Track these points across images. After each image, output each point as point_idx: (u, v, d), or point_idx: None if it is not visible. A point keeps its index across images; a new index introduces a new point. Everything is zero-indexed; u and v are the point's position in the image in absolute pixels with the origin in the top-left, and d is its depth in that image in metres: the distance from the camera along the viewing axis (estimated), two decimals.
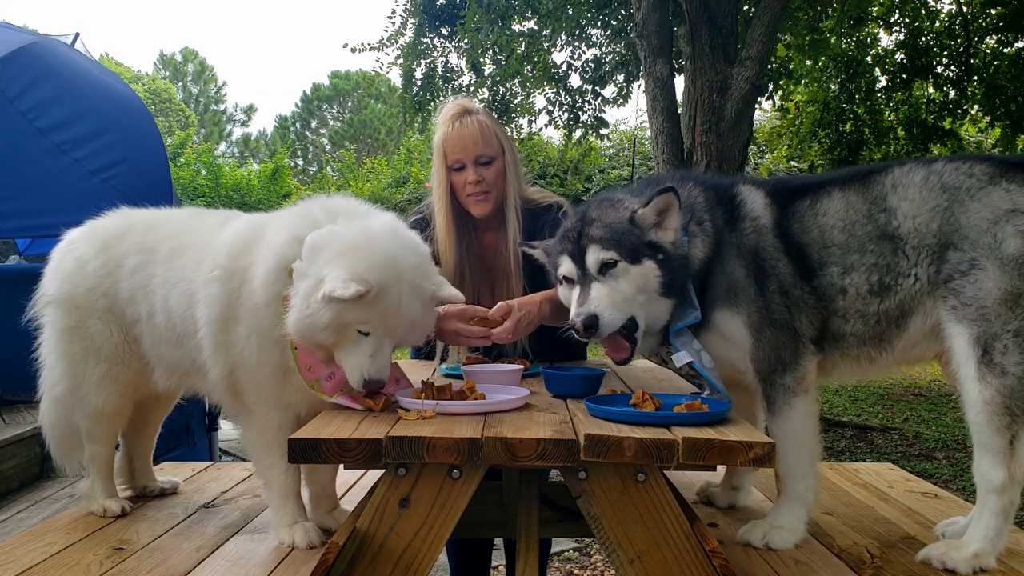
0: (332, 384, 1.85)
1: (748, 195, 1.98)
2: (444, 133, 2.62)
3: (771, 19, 5.45)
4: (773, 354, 1.89)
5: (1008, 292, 1.72)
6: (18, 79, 4.85)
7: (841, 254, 1.89)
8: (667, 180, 2.07)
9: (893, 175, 1.90)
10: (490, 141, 2.60)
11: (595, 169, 13.29)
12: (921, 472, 5.19)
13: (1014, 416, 1.71)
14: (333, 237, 1.78)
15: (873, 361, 1.94)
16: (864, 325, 1.89)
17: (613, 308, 1.82)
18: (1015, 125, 7.97)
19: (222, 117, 38.07)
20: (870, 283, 1.86)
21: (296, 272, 1.78)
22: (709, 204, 1.97)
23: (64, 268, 2.17)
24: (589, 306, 1.82)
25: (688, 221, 1.92)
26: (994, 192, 1.79)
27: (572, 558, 4.04)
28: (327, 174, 22.57)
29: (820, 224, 1.92)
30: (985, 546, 1.74)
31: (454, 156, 2.60)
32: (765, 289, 1.89)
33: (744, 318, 1.90)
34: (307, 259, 1.77)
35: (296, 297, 1.75)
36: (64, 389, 2.18)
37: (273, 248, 1.86)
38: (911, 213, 1.84)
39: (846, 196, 1.92)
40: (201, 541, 2.01)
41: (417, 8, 8.21)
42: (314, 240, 1.79)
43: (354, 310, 1.71)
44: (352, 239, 1.78)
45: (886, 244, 1.86)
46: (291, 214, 1.96)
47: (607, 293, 1.83)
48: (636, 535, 1.57)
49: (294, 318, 1.74)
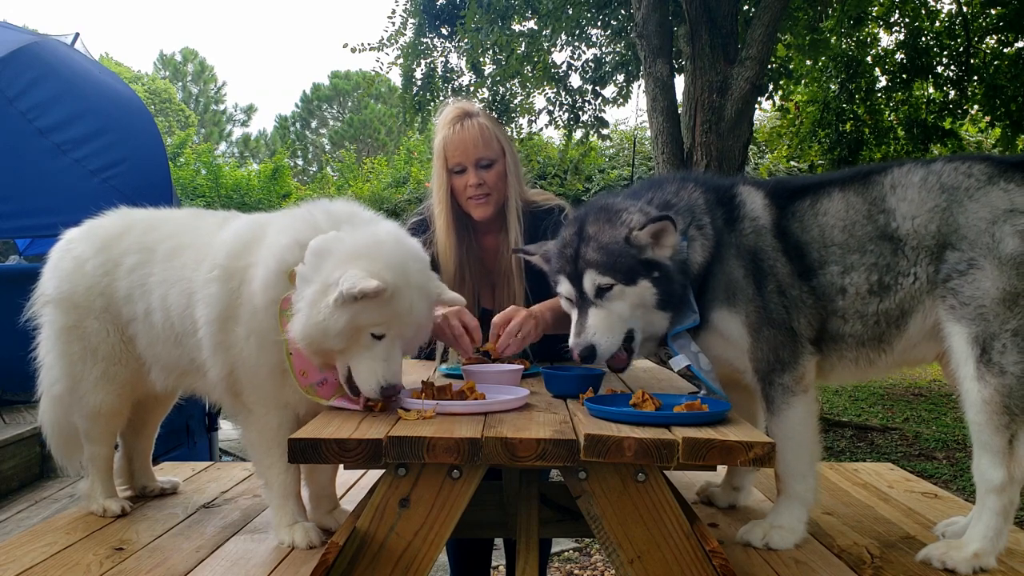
0: (326, 389, 1.85)
1: (747, 195, 1.98)
2: (444, 136, 2.62)
3: (771, 19, 5.45)
4: (772, 353, 1.89)
5: (1006, 292, 1.73)
6: (18, 79, 4.85)
7: (841, 253, 1.89)
8: (667, 181, 2.06)
9: (892, 176, 1.90)
10: (491, 144, 2.60)
11: (595, 169, 13.29)
12: (921, 472, 5.19)
13: (1013, 415, 1.72)
14: (339, 242, 1.77)
15: (872, 363, 1.94)
16: (863, 326, 1.89)
17: (610, 333, 1.83)
18: (1015, 125, 7.97)
19: (222, 117, 38.07)
20: (870, 283, 1.86)
21: (300, 277, 1.77)
22: (709, 206, 1.96)
23: (63, 267, 2.17)
24: (586, 335, 1.83)
25: (688, 225, 1.91)
26: (992, 192, 1.79)
27: (572, 558, 4.04)
28: (327, 174, 22.55)
29: (820, 224, 1.92)
30: (985, 546, 1.74)
31: (455, 159, 2.60)
32: (763, 289, 1.89)
33: (743, 318, 1.90)
34: (311, 264, 1.75)
35: (301, 303, 1.73)
36: (62, 389, 2.18)
37: (273, 251, 1.85)
38: (910, 214, 1.84)
39: (846, 196, 1.92)
40: (201, 541, 2.01)
41: (417, 8, 8.21)
42: (319, 245, 1.77)
43: (368, 312, 1.70)
44: (359, 244, 1.77)
45: (886, 244, 1.86)
46: (292, 217, 1.95)
47: (603, 318, 1.84)
48: (636, 535, 1.57)
49: (301, 324, 1.72)
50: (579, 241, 1.90)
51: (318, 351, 1.76)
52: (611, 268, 1.83)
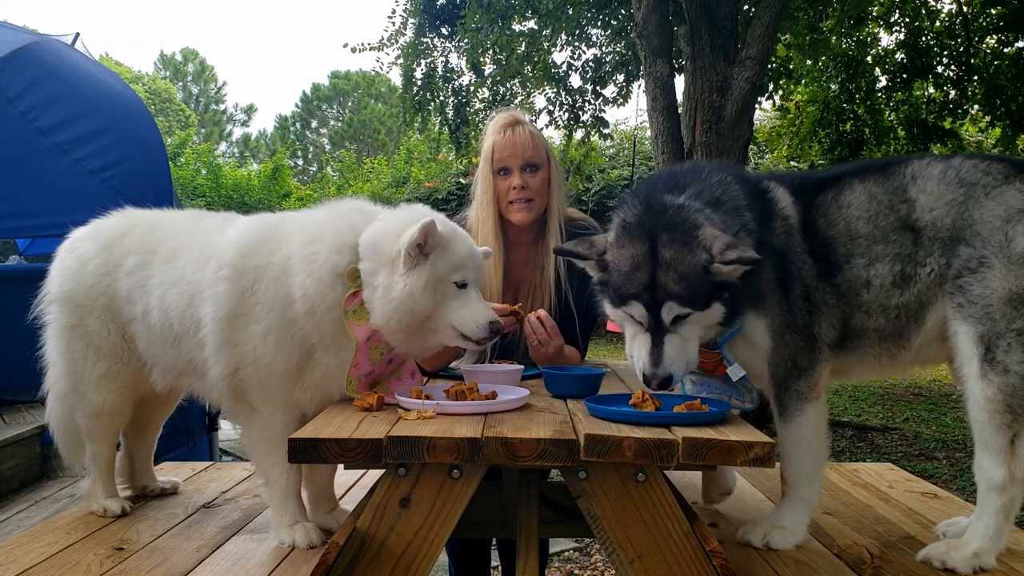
0: (364, 384, 1.93)
1: (778, 193, 1.94)
2: (494, 141, 2.66)
3: (771, 19, 5.44)
4: (790, 359, 1.87)
5: (1013, 291, 1.73)
6: (18, 79, 4.84)
7: (867, 245, 1.87)
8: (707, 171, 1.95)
9: (912, 167, 1.90)
10: (539, 149, 2.64)
11: (595, 169, 13.28)
12: (921, 472, 5.18)
13: (1015, 415, 1.72)
14: (384, 224, 1.89)
15: (893, 359, 1.93)
16: (885, 319, 1.88)
17: (684, 359, 1.77)
18: (1015, 125, 7.96)
19: (222, 117, 38.07)
20: (893, 274, 1.85)
21: (366, 271, 1.86)
22: (749, 204, 1.90)
23: (67, 266, 2.18)
24: (666, 366, 1.74)
25: (740, 229, 1.83)
26: (1008, 191, 1.80)
27: (572, 558, 4.04)
28: (327, 174, 22.55)
29: (845, 216, 1.90)
30: (985, 545, 1.74)
31: (501, 160, 2.63)
32: (790, 293, 1.87)
33: (767, 321, 1.87)
34: (370, 255, 1.86)
35: (378, 290, 1.83)
36: (65, 387, 2.19)
37: (317, 260, 1.88)
38: (929, 206, 1.84)
39: (867, 187, 1.91)
40: (201, 541, 2.01)
41: (417, 8, 8.20)
42: (369, 238, 1.88)
43: (439, 262, 1.83)
44: (402, 218, 1.90)
45: (907, 235, 1.85)
46: (324, 224, 1.95)
47: (679, 347, 1.76)
48: (636, 535, 1.57)
49: (387, 305, 1.81)
50: (654, 266, 1.75)
51: (412, 322, 1.83)
52: (691, 299, 1.73)
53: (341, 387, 1.92)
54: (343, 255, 1.88)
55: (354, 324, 1.86)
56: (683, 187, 1.89)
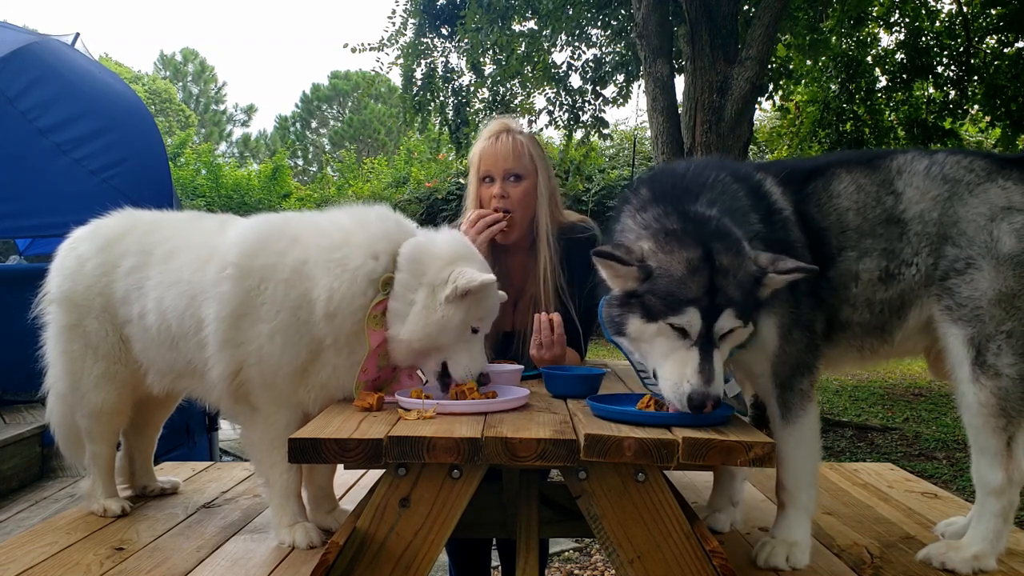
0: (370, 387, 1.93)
1: (770, 186, 1.88)
2: (481, 148, 2.68)
3: (771, 19, 5.44)
4: (796, 357, 1.81)
5: (1002, 292, 1.72)
6: (18, 79, 4.84)
7: (856, 238, 1.84)
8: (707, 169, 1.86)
9: (898, 161, 1.89)
10: (521, 158, 2.62)
11: (595, 169, 13.29)
12: (921, 472, 5.19)
13: (1010, 418, 1.71)
14: (433, 246, 1.92)
15: (875, 352, 1.92)
16: (871, 313, 1.86)
17: (723, 383, 1.62)
18: (1015, 125, 7.96)
19: (222, 117, 38.06)
20: (880, 269, 1.83)
21: (401, 283, 1.87)
22: (755, 207, 1.83)
23: (66, 266, 2.19)
24: (717, 386, 1.57)
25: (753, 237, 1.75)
26: (991, 188, 1.79)
27: (572, 558, 4.04)
28: (327, 174, 22.53)
29: (836, 207, 1.87)
30: (985, 548, 1.74)
31: (485, 168, 2.65)
32: (796, 288, 1.79)
33: (777, 319, 1.79)
34: (411, 270, 1.88)
35: (411, 306, 1.86)
36: (65, 386, 2.19)
37: (350, 264, 1.88)
38: (915, 199, 1.83)
39: (855, 178, 1.88)
40: (201, 541, 2.01)
41: (417, 8, 8.19)
42: (415, 253, 1.90)
43: (476, 306, 1.87)
44: (455, 246, 1.94)
45: (894, 228, 1.83)
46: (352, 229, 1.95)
47: (722, 363, 1.61)
48: (636, 535, 1.57)
49: (414, 326, 1.84)
50: (712, 270, 1.60)
51: (429, 346, 1.88)
52: (744, 310, 1.61)
53: (346, 387, 1.92)
54: (380, 261, 1.90)
55: (371, 330, 1.86)
56: (695, 194, 1.78)
